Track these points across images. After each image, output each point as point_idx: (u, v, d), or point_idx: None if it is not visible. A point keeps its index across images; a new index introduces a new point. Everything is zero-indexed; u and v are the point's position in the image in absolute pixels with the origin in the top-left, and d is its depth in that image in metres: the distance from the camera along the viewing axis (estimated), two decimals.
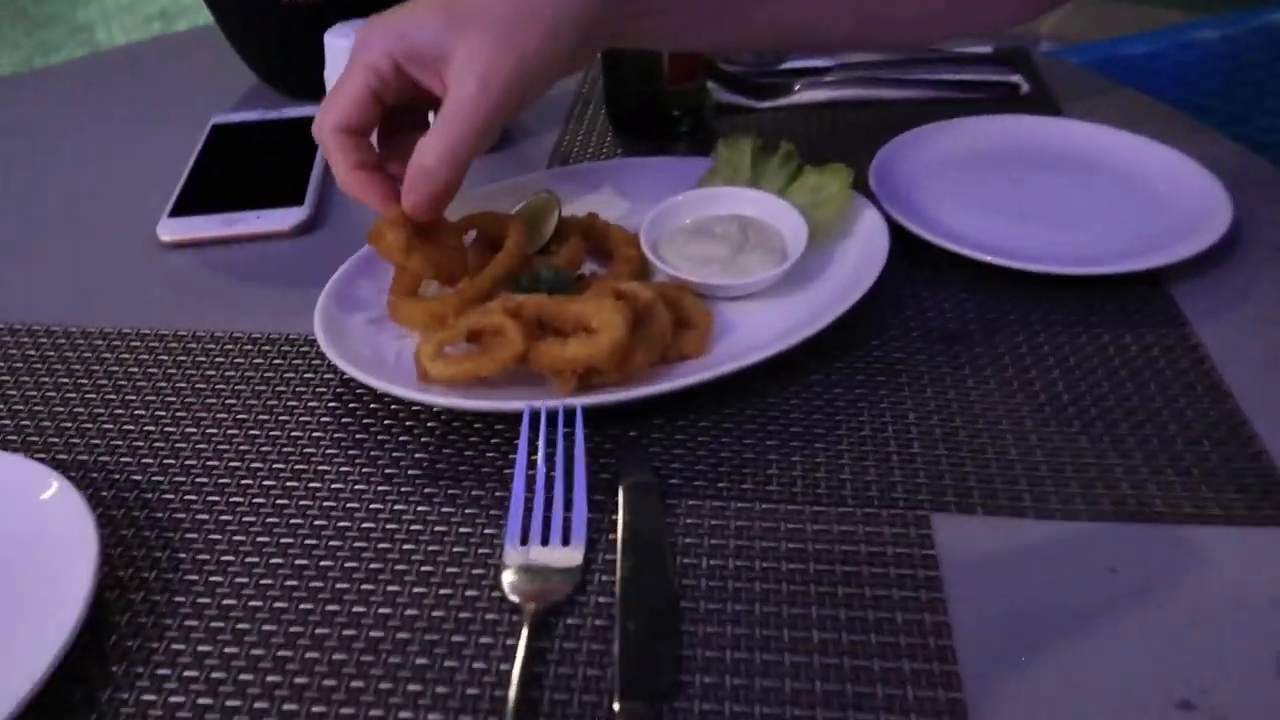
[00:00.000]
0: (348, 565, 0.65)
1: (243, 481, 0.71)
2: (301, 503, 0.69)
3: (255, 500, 0.70)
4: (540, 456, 0.69)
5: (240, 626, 0.61)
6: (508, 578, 0.63)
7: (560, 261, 0.83)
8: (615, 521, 0.67)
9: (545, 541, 0.65)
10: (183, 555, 0.66)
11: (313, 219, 1.01)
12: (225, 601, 0.63)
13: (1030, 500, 0.68)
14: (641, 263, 0.87)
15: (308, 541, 0.67)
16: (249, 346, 0.84)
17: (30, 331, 0.87)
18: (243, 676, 0.58)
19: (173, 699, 0.57)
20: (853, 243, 0.88)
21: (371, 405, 0.77)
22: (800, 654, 0.59)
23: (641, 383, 0.74)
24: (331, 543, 0.66)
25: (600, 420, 0.74)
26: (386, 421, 0.76)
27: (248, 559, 0.65)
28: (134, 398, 0.79)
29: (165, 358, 0.83)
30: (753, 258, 0.85)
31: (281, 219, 1.00)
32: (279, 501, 0.69)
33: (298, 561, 0.65)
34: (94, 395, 0.80)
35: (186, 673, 0.59)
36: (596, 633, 0.60)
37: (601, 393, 0.73)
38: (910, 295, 0.87)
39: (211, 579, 0.64)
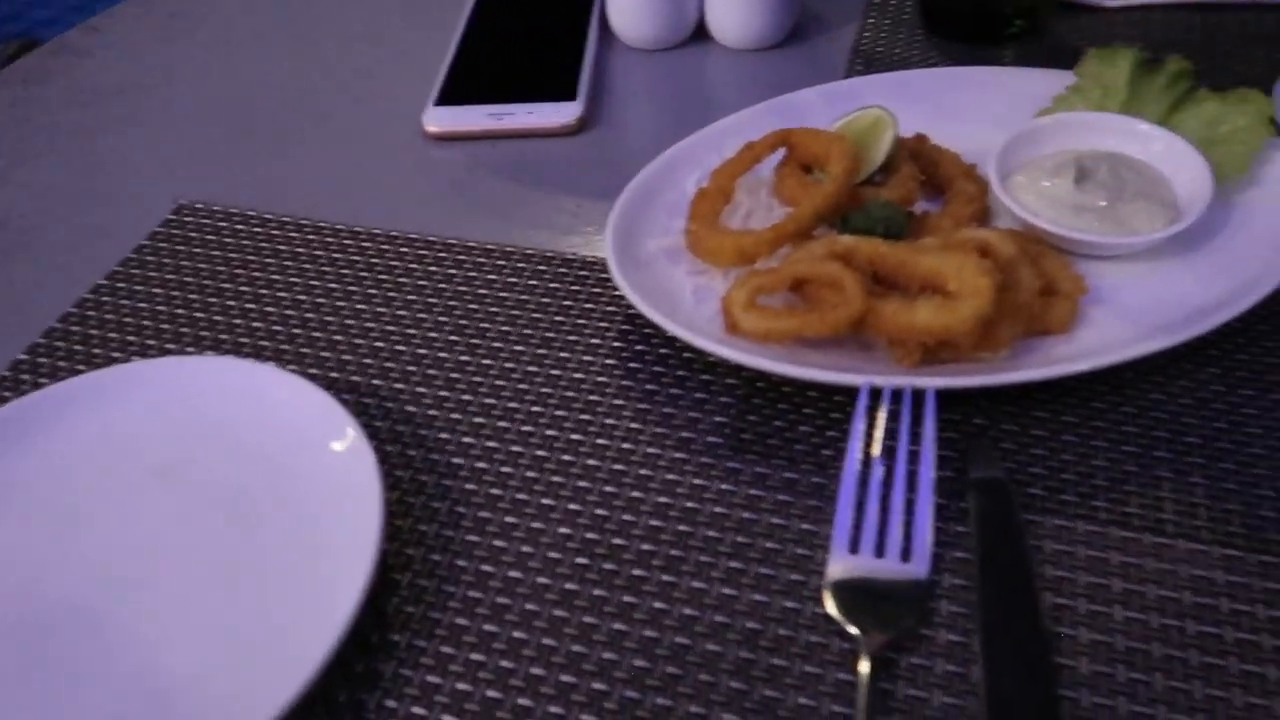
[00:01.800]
0: (644, 549, 0.56)
1: (523, 427, 0.63)
2: (588, 461, 0.61)
3: (537, 453, 0.62)
4: (877, 445, 0.57)
5: (529, 608, 0.53)
6: (834, 594, 0.52)
7: (893, 195, 0.69)
8: (962, 534, 0.55)
9: (880, 553, 0.53)
10: (463, 510, 0.59)
11: (586, 116, 0.91)
12: (510, 574, 0.55)
13: None
14: (984, 202, 0.72)
15: (598, 512, 0.58)
16: (522, 263, 0.75)
17: (295, 225, 0.81)
18: (534, 671, 0.51)
19: (459, 685, 0.51)
20: (1263, 196, 0.70)
21: (661, 351, 0.67)
22: None
23: (1000, 364, 0.60)
24: (623, 516, 0.58)
25: (939, 403, 0.61)
26: (680, 373, 0.66)
27: (533, 524, 0.58)
28: (404, 312, 0.72)
29: (435, 269, 0.76)
30: (1134, 209, 0.68)
31: (553, 115, 0.90)
32: (564, 457, 0.61)
33: (588, 535, 0.57)
34: (363, 305, 0.73)
35: (472, 655, 0.52)
36: (949, 680, 0.49)
37: (952, 372, 0.59)
38: None
39: (495, 543, 0.57)
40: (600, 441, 0.62)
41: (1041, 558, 0.53)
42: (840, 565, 0.53)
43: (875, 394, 0.59)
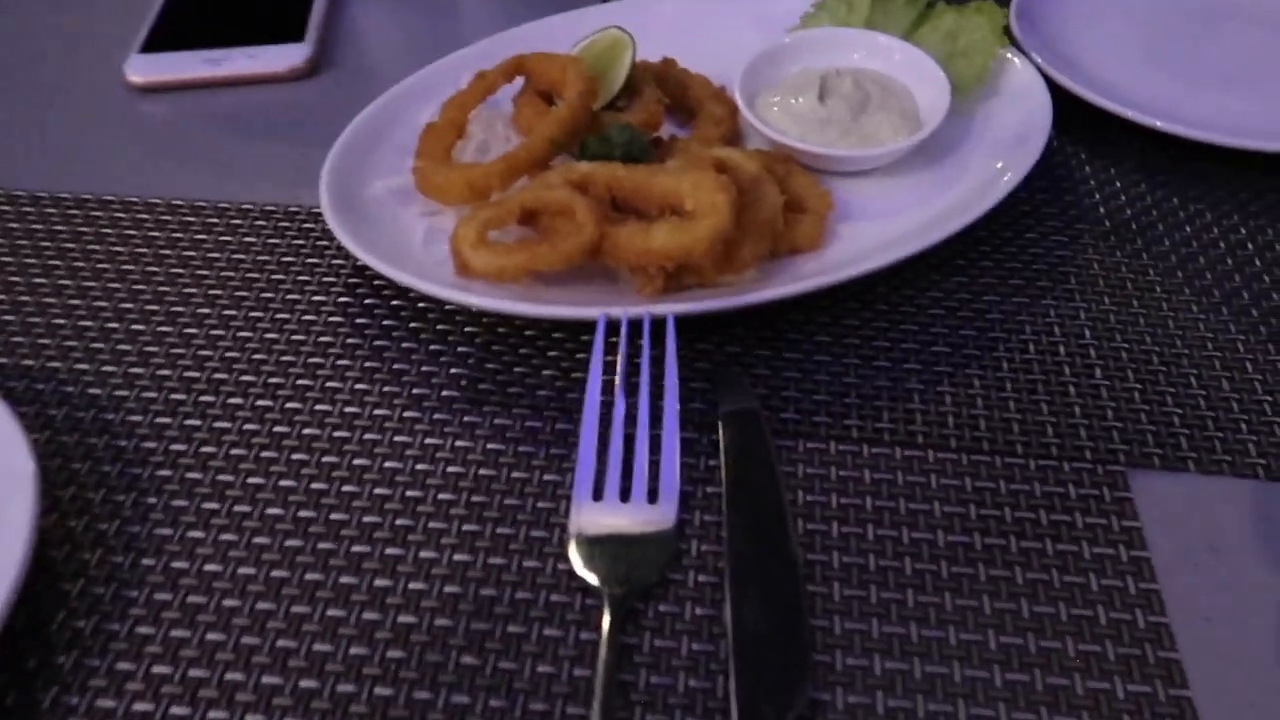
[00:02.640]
0: (367, 520, 0.50)
1: (230, 400, 0.55)
2: (305, 431, 0.54)
3: (246, 427, 0.54)
4: (618, 380, 0.53)
5: (227, 604, 0.46)
6: (579, 548, 0.47)
7: (636, 120, 0.65)
8: (714, 467, 0.51)
9: (626, 497, 0.49)
10: (153, 500, 0.51)
11: (316, 59, 0.82)
12: (208, 567, 0.48)
13: (1256, 454, 0.52)
14: (734, 124, 0.69)
15: (314, 486, 0.51)
16: (238, 220, 0.67)
17: None
18: (231, 676, 0.44)
19: (138, 706, 0.43)
20: (1000, 105, 0.70)
21: (394, 303, 0.61)
22: (971, 630, 0.44)
23: (746, 285, 0.57)
24: (345, 488, 0.51)
25: (689, 332, 0.57)
26: (413, 325, 0.59)
27: (237, 507, 0.50)
28: (93, 284, 0.63)
29: (134, 232, 0.66)
30: (877, 121, 0.66)
31: (278, 58, 0.81)
32: (277, 429, 0.54)
33: (301, 513, 0.50)
34: (43, 280, 0.63)
35: (156, 668, 0.44)
36: (699, 625, 0.45)
37: (696, 297, 0.56)
38: (1070, 173, 0.69)
39: (190, 534, 0.49)
40: (321, 408, 0.55)
41: (794, 483, 0.51)
42: (583, 515, 0.48)
43: (616, 327, 0.54)
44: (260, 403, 0.55)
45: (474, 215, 0.57)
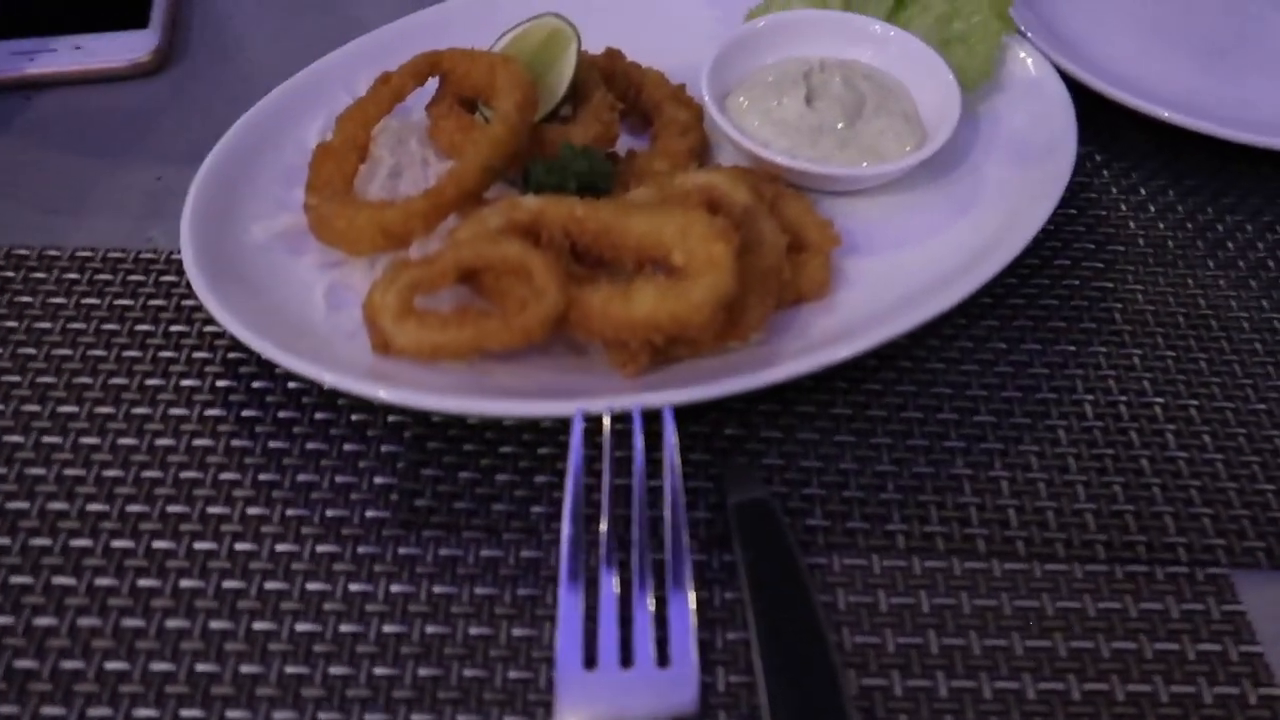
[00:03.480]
0: (278, 717, 0.36)
1: (72, 542, 0.41)
2: (183, 584, 0.40)
3: (98, 582, 0.40)
4: (604, 495, 0.40)
5: None
6: None
7: (587, 135, 0.52)
8: (732, 601, 0.40)
9: (627, 661, 0.37)
10: None
11: (165, 50, 0.65)
12: None
13: None
14: (700, 132, 0.56)
15: (200, 667, 0.37)
16: (72, 273, 0.51)
17: None
18: None
19: None
20: (1007, 101, 0.59)
21: (291, 386, 0.47)
22: None
23: (750, 354, 0.45)
24: (244, 668, 0.37)
25: (680, 413, 0.45)
26: (320, 417, 0.45)
27: (89, 710, 0.36)
28: None
29: None
30: (877, 128, 0.55)
31: (116, 49, 0.64)
32: (142, 583, 0.40)
33: (184, 712, 0.36)
34: None
35: None
36: None
37: (692, 378, 0.43)
38: (1089, 180, 0.59)
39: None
40: (202, 547, 0.41)
41: (838, 618, 0.40)
42: (574, 696, 0.36)
43: (595, 419, 0.42)
44: (115, 544, 0.41)
45: (395, 275, 0.43)
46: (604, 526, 0.40)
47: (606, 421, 0.41)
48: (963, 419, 0.47)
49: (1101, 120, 0.62)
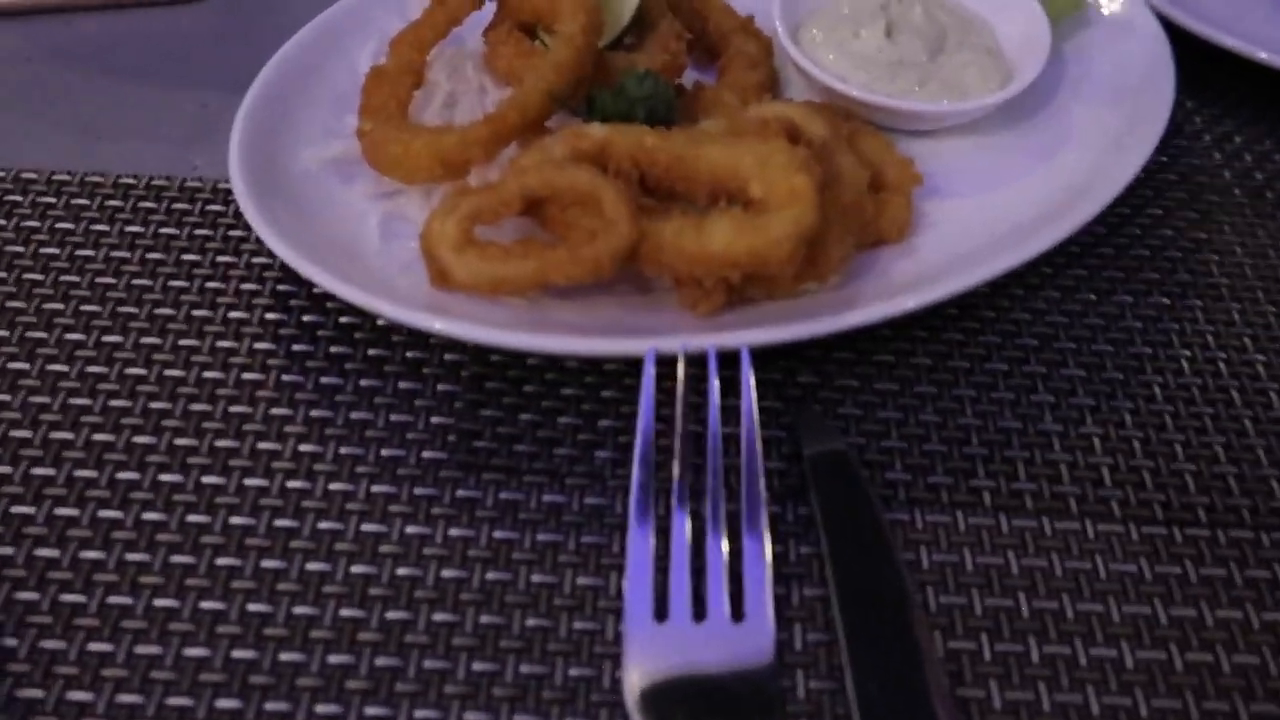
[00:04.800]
0: (333, 661, 0.35)
1: (119, 475, 0.39)
2: (233, 520, 0.38)
3: (146, 516, 0.38)
4: (677, 441, 0.38)
5: None
6: (642, 700, 0.33)
7: (654, 63, 0.49)
8: (808, 556, 0.38)
9: (700, 614, 0.35)
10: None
11: None
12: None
13: None
14: (770, 67, 0.53)
15: (251, 607, 0.36)
16: (115, 200, 0.49)
17: None
18: None
19: None
20: (1098, 40, 0.56)
21: (344, 320, 0.45)
22: None
23: (829, 296, 0.43)
24: (297, 609, 0.36)
25: (757, 362, 0.42)
26: (374, 353, 0.43)
27: (137, 649, 0.35)
28: None
29: None
30: (959, 63, 0.51)
31: None
32: (190, 518, 0.38)
33: (237, 654, 0.35)
34: None
35: None
36: None
37: (769, 317, 0.41)
38: (1181, 127, 0.55)
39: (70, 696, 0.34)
40: (252, 483, 0.39)
41: (921, 577, 0.37)
42: (643, 649, 0.34)
43: (667, 361, 0.40)
44: (163, 478, 0.39)
45: (454, 204, 0.41)
46: (677, 471, 0.37)
47: (681, 361, 0.39)
48: (1051, 372, 0.44)
49: (1192, 63, 0.58)
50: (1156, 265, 0.49)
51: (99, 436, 0.40)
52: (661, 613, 0.35)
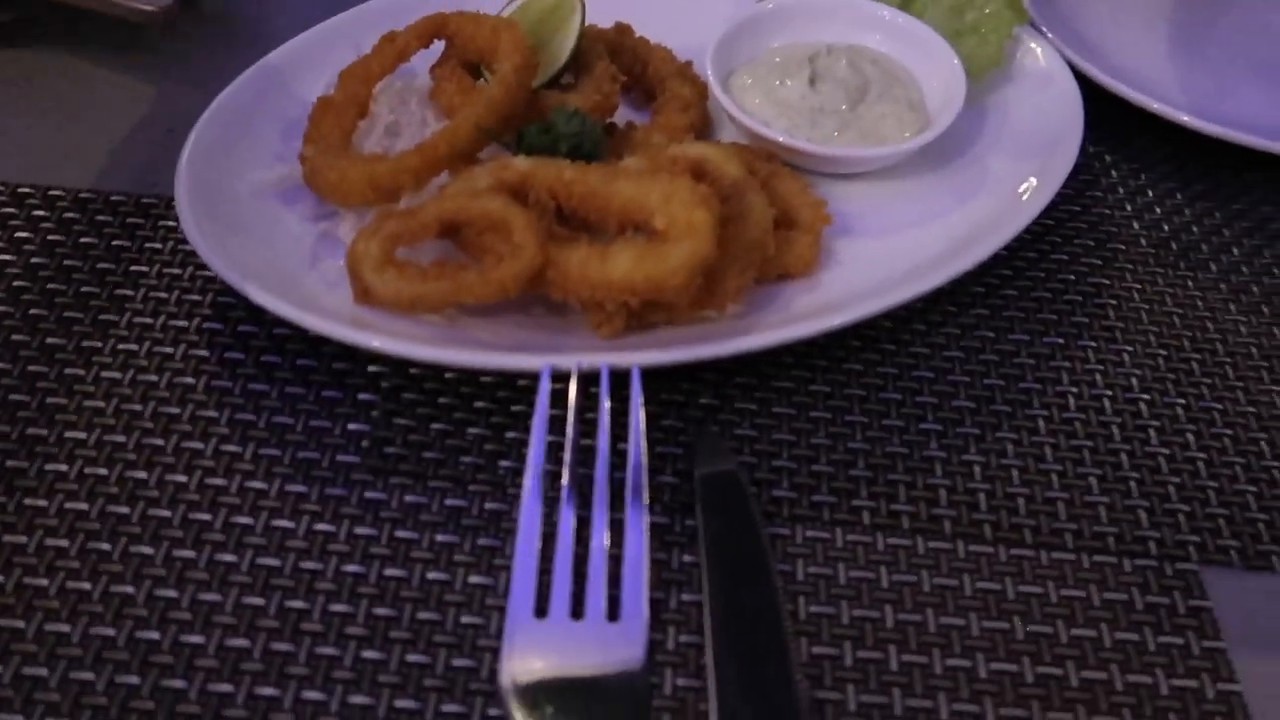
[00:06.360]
0: (231, 644, 0.37)
1: (49, 466, 0.42)
2: (151, 512, 0.40)
3: (69, 506, 0.40)
4: (568, 452, 0.41)
5: None
6: (518, 696, 0.35)
7: (586, 103, 0.52)
8: (689, 565, 0.40)
9: (579, 612, 0.37)
10: None
11: (175, 4, 0.66)
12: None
13: None
14: (703, 109, 0.56)
15: (160, 593, 0.38)
16: (72, 212, 0.52)
17: None
18: None
19: None
20: (1017, 94, 0.59)
21: (276, 332, 0.47)
22: None
23: (727, 324, 0.45)
24: (203, 595, 0.38)
25: (652, 379, 0.45)
26: (301, 363, 0.46)
27: (47, 626, 0.37)
28: None
29: None
30: (879, 113, 0.54)
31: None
32: (111, 508, 0.40)
33: (140, 634, 0.37)
34: None
35: None
36: None
37: (666, 341, 0.44)
38: (1096, 179, 0.58)
39: None
40: (174, 479, 0.42)
41: (794, 588, 0.39)
42: (523, 643, 0.36)
43: (564, 378, 0.42)
44: (90, 470, 0.42)
45: (378, 226, 0.44)
46: (566, 478, 0.40)
47: (573, 377, 0.41)
48: (941, 403, 0.46)
49: (1115, 122, 0.61)
50: (1055, 307, 0.51)
51: (31, 431, 0.43)
52: (543, 610, 0.37)
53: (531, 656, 0.36)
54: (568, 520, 0.39)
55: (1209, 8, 0.70)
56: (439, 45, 0.54)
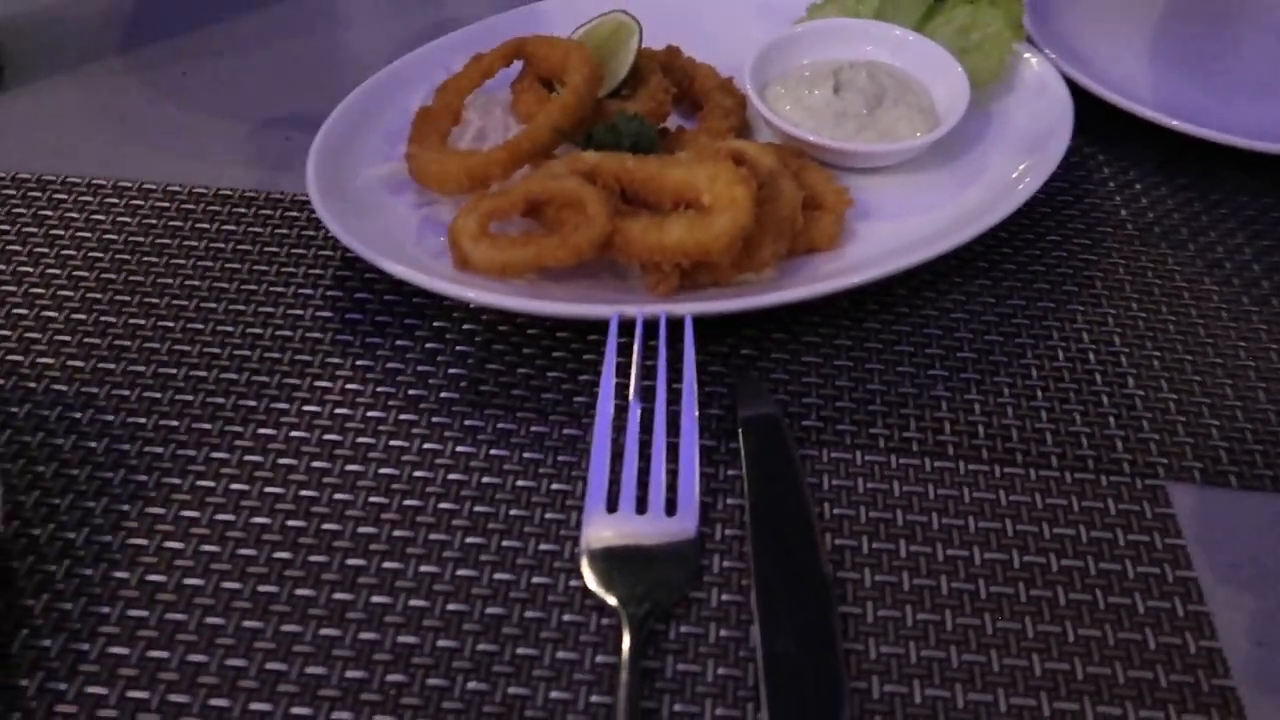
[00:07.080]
0: (362, 531, 0.46)
1: (210, 400, 0.51)
2: (293, 434, 0.50)
3: (228, 429, 0.50)
4: (633, 385, 0.49)
5: (211, 621, 0.42)
6: (592, 563, 0.44)
7: (642, 109, 0.61)
8: (734, 478, 0.48)
9: (642, 508, 0.46)
10: (126, 508, 0.46)
11: None
12: (188, 581, 0.44)
13: None
14: (743, 116, 0.65)
15: (304, 494, 0.47)
16: (215, 206, 0.63)
17: None
18: (214, 702, 0.40)
19: None
20: (1017, 102, 0.67)
21: (387, 297, 0.57)
22: (1015, 655, 0.42)
23: (765, 285, 0.54)
24: (336, 495, 0.47)
25: (702, 334, 0.53)
26: (408, 321, 0.55)
27: (219, 515, 0.46)
28: (58, 272, 0.58)
29: (101, 217, 0.61)
30: (894, 116, 0.63)
31: None
32: (261, 431, 0.50)
33: (290, 522, 0.46)
34: (2, 266, 0.58)
35: (132, 692, 0.40)
36: (725, 648, 0.42)
37: (714, 296, 0.53)
38: (1089, 174, 0.66)
39: (168, 545, 0.45)
40: (310, 409, 0.51)
41: (820, 495, 0.48)
42: (597, 528, 0.45)
43: (629, 327, 0.51)
44: (243, 403, 0.51)
45: (475, 205, 0.53)
46: (632, 406, 0.48)
47: (639, 322, 0.50)
48: (947, 354, 0.54)
49: (1109, 129, 0.69)
50: (1049, 278, 0.59)
51: (197, 373, 0.53)
52: (613, 507, 0.46)
53: (604, 540, 0.45)
54: (633, 436, 0.47)
55: (1190, 27, 0.78)
56: (518, 64, 0.64)
